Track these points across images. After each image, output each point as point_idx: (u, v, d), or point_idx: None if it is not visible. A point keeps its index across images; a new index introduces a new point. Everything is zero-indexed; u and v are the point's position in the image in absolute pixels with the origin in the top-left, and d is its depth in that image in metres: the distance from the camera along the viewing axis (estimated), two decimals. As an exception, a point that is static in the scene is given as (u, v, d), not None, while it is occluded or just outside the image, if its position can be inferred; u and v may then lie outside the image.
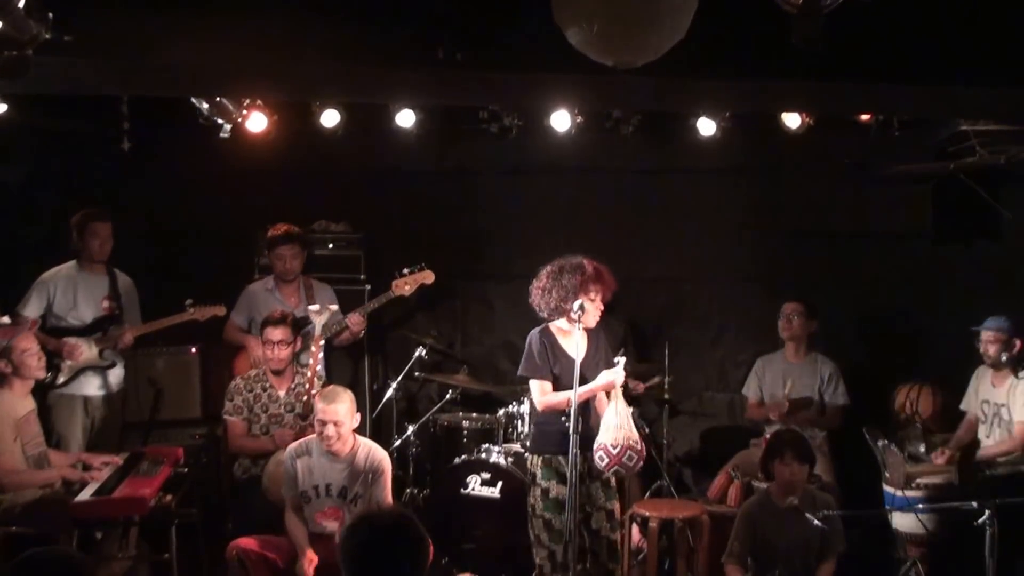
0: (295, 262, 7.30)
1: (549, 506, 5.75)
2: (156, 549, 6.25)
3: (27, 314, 6.71)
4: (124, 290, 7.05)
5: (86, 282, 6.93)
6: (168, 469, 6.16)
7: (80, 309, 6.88)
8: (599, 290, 5.74)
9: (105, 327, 6.88)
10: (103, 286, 6.97)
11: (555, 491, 5.74)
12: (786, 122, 7.11)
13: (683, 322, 8.31)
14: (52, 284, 6.85)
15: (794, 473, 5.84)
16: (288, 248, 7.27)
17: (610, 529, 5.81)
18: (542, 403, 5.83)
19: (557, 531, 5.71)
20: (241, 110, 6.99)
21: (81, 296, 6.89)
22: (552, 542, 5.73)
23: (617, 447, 5.52)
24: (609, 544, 5.80)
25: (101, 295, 6.94)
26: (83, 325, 6.86)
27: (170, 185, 7.99)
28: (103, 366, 6.90)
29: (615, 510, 5.85)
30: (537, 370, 5.81)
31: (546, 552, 5.77)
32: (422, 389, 8.43)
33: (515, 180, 8.29)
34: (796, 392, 7.32)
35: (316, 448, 5.85)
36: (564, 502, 5.67)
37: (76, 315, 6.87)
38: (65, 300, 6.85)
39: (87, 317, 6.89)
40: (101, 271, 6.99)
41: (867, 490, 6.93)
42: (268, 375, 6.72)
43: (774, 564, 5.68)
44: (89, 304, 6.90)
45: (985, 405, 6.77)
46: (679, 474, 8.22)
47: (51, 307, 6.83)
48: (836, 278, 8.04)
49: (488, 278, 8.45)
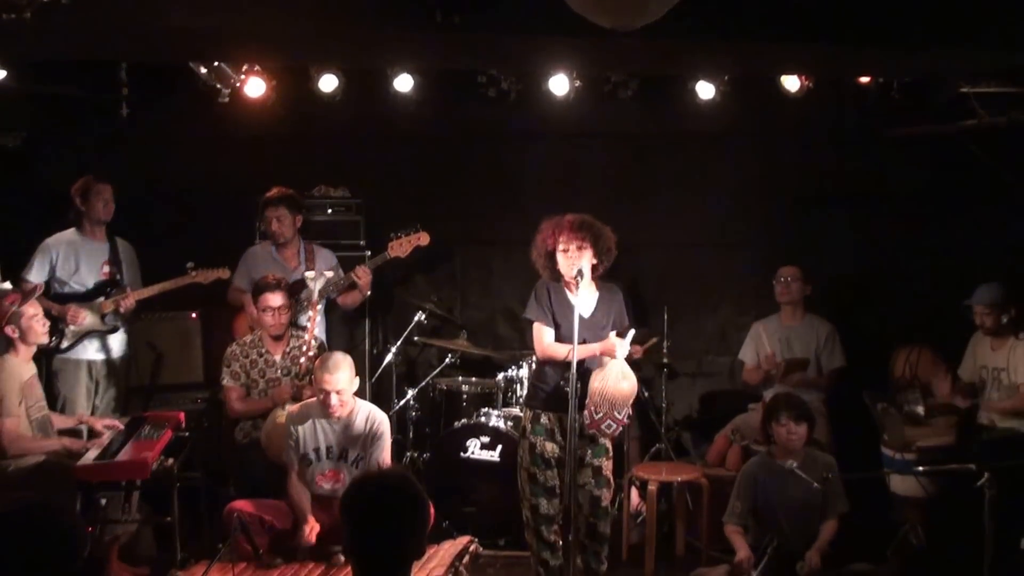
0: (284, 224, 7.26)
1: (536, 460, 5.81)
2: (158, 512, 6.31)
3: (31, 279, 6.74)
4: (124, 255, 7.07)
5: (87, 248, 6.96)
6: (170, 433, 6.18)
7: (82, 274, 6.91)
8: (568, 239, 5.71)
9: (107, 292, 6.91)
10: (104, 251, 7.00)
11: (540, 446, 5.80)
12: (785, 85, 7.09)
13: (683, 286, 8.29)
14: (55, 250, 6.89)
15: (792, 433, 5.85)
16: (275, 210, 7.25)
17: (595, 485, 5.83)
18: (541, 350, 5.87)
19: (540, 484, 5.80)
20: (239, 75, 6.97)
21: (83, 261, 6.92)
22: (535, 495, 5.81)
23: (599, 413, 5.56)
24: (593, 499, 5.82)
25: (102, 260, 6.97)
26: (85, 290, 6.89)
27: (169, 151, 7.97)
28: (106, 330, 6.93)
29: (602, 467, 5.86)
30: (538, 313, 5.86)
31: (528, 504, 5.86)
32: (421, 354, 8.44)
33: (514, 145, 8.27)
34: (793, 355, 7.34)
35: (316, 411, 5.89)
36: (550, 459, 5.78)
37: (78, 280, 6.90)
38: (67, 266, 6.88)
39: (89, 282, 6.92)
40: (102, 237, 7.01)
41: (865, 453, 6.95)
42: (264, 340, 6.73)
43: (775, 524, 5.70)
44: (91, 269, 6.93)
45: (984, 371, 6.77)
46: (678, 438, 8.24)
47: (54, 272, 6.86)
48: (835, 242, 8.04)
49: (487, 243, 8.44)
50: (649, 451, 7.70)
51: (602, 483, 5.86)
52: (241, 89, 7.01)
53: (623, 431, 5.92)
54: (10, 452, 5.83)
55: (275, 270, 7.11)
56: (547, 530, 5.85)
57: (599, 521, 5.88)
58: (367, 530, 3.04)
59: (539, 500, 5.82)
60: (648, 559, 6.72)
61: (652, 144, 8.19)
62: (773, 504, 5.87)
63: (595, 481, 5.83)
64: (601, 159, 8.27)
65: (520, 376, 7.38)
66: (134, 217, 7.57)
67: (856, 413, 7.14)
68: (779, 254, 7.79)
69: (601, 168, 8.27)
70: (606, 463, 5.89)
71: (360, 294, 7.37)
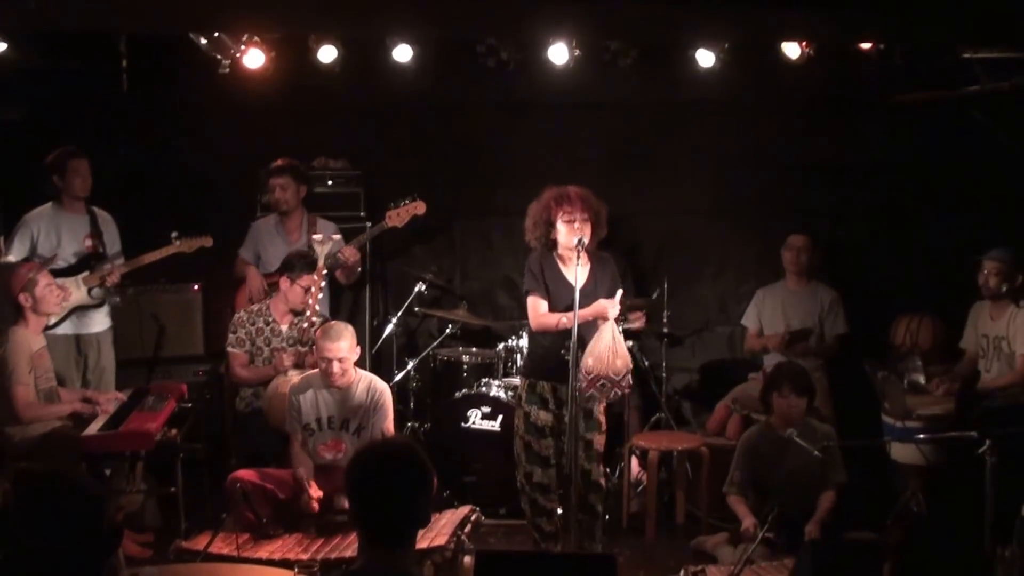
0: (288, 193, 7.29)
1: (530, 429, 5.85)
2: (162, 483, 6.34)
3: (12, 256, 6.68)
4: (105, 226, 6.99)
5: (67, 221, 6.88)
6: (173, 404, 6.22)
7: (64, 248, 6.82)
8: (569, 211, 5.72)
9: (90, 265, 6.86)
10: (84, 224, 6.91)
11: (535, 415, 5.84)
12: (786, 52, 7.06)
13: (683, 256, 8.30)
14: (35, 225, 6.81)
15: (792, 405, 5.88)
16: (279, 178, 7.29)
17: (586, 459, 5.83)
18: (534, 320, 5.89)
19: (535, 453, 5.84)
20: (239, 46, 6.95)
21: (64, 236, 6.84)
22: (529, 463, 5.86)
23: (592, 374, 5.55)
24: (583, 472, 5.81)
25: (84, 234, 6.89)
26: (68, 265, 6.82)
27: (169, 123, 7.96)
28: (93, 304, 6.87)
29: (593, 441, 5.87)
30: (532, 284, 5.88)
31: (523, 472, 5.91)
32: (422, 324, 8.45)
33: (513, 114, 8.24)
34: (797, 324, 7.35)
35: (318, 382, 5.91)
36: (544, 428, 5.83)
37: (61, 255, 6.81)
38: (48, 241, 6.80)
39: (70, 256, 6.84)
40: (80, 209, 6.92)
41: (866, 422, 6.97)
42: (272, 309, 6.75)
43: (774, 494, 5.73)
44: (72, 243, 6.85)
45: (984, 340, 6.77)
46: (678, 407, 8.25)
47: (35, 249, 6.78)
48: (837, 209, 8.03)
49: (487, 213, 8.44)
50: (649, 420, 7.71)
51: (592, 457, 5.87)
52: (240, 60, 6.98)
53: (622, 399, 5.94)
54: (24, 418, 5.87)
55: (277, 243, 7.13)
56: (543, 498, 5.89)
57: (590, 494, 5.89)
58: (373, 499, 3.05)
59: (533, 468, 5.87)
60: (648, 528, 6.76)
61: (652, 113, 8.15)
62: (772, 473, 5.90)
63: (585, 455, 5.84)
64: (601, 128, 8.23)
65: (520, 346, 7.40)
66: (134, 189, 7.57)
67: (857, 382, 7.15)
68: (779, 222, 7.80)
69: (601, 137, 8.24)
70: (598, 438, 5.90)
71: (347, 270, 7.37)
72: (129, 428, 5.80)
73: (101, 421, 5.96)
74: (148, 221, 7.37)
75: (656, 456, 6.79)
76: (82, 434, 5.77)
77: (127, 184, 7.36)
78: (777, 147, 8.03)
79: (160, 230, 7.12)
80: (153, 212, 7.63)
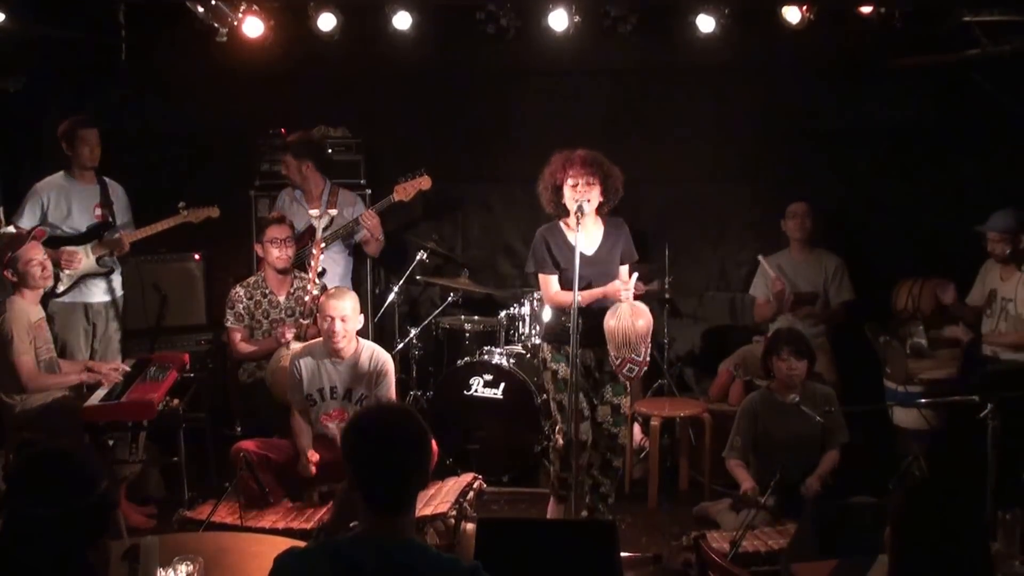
0: (290, 169, 7.42)
1: (559, 386, 5.81)
2: (165, 453, 6.36)
3: (23, 225, 6.70)
4: (115, 196, 7.00)
5: (78, 191, 6.88)
6: (175, 374, 6.21)
7: (74, 218, 6.83)
8: (576, 174, 5.67)
9: (100, 234, 6.86)
10: (95, 194, 6.92)
11: (563, 372, 5.77)
12: (786, 17, 7.01)
13: (684, 222, 8.27)
14: (45, 194, 6.81)
15: (792, 368, 5.88)
16: (282, 155, 7.48)
17: (612, 423, 5.86)
18: (549, 299, 5.88)
19: (568, 410, 5.67)
20: (237, 14, 6.91)
21: (75, 205, 6.84)
22: (565, 421, 5.74)
23: (619, 358, 5.55)
24: (610, 435, 5.86)
25: (93, 203, 6.90)
26: (78, 233, 6.83)
27: (168, 91, 7.94)
28: (102, 273, 6.88)
29: (621, 404, 5.89)
30: (540, 264, 5.85)
31: (559, 431, 5.84)
32: (424, 293, 8.46)
33: (514, 81, 8.22)
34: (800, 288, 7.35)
35: (320, 351, 5.92)
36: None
37: (71, 224, 6.82)
38: (59, 210, 6.81)
39: (81, 225, 6.84)
40: (91, 179, 6.93)
41: (869, 387, 6.98)
42: (267, 281, 6.75)
43: (776, 458, 5.72)
44: (83, 212, 6.86)
45: (992, 295, 6.71)
46: (680, 373, 8.28)
47: (45, 217, 6.78)
48: (837, 176, 7.99)
49: (488, 181, 8.42)
50: (652, 387, 7.72)
51: (620, 421, 5.89)
52: (239, 28, 6.94)
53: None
54: (30, 387, 5.88)
55: (301, 213, 7.17)
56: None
57: (614, 457, 5.94)
58: (369, 463, 3.03)
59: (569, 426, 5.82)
60: (651, 494, 6.78)
61: (652, 79, 8.13)
62: (774, 438, 5.91)
63: (613, 420, 5.87)
64: (601, 95, 8.20)
65: (522, 314, 7.40)
66: (134, 158, 7.55)
67: (859, 347, 7.15)
68: (781, 189, 7.78)
69: (601, 104, 8.21)
70: (624, 401, 5.92)
71: (373, 239, 7.39)
72: (131, 398, 5.79)
73: (103, 391, 5.97)
74: (148, 190, 7.35)
75: (659, 423, 6.80)
76: (84, 404, 5.78)
77: (125, 152, 7.33)
78: (778, 112, 7.99)
79: (162, 199, 7.11)
80: (152, 180, 7.62)
